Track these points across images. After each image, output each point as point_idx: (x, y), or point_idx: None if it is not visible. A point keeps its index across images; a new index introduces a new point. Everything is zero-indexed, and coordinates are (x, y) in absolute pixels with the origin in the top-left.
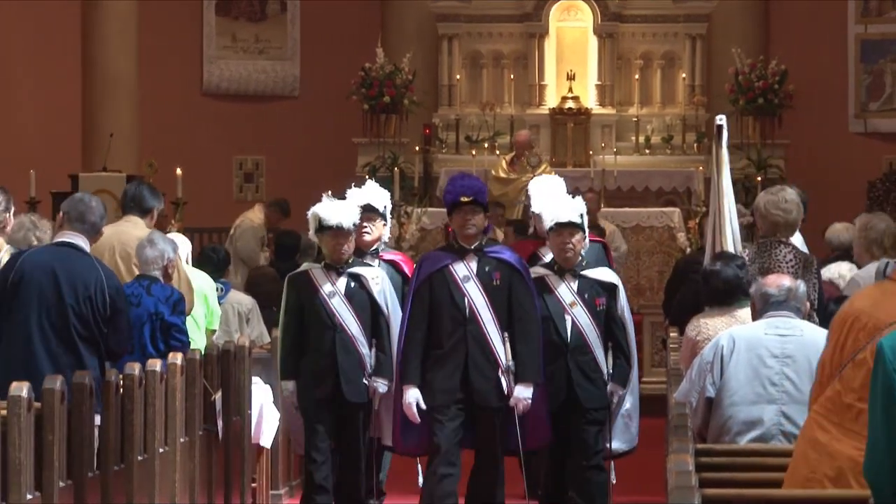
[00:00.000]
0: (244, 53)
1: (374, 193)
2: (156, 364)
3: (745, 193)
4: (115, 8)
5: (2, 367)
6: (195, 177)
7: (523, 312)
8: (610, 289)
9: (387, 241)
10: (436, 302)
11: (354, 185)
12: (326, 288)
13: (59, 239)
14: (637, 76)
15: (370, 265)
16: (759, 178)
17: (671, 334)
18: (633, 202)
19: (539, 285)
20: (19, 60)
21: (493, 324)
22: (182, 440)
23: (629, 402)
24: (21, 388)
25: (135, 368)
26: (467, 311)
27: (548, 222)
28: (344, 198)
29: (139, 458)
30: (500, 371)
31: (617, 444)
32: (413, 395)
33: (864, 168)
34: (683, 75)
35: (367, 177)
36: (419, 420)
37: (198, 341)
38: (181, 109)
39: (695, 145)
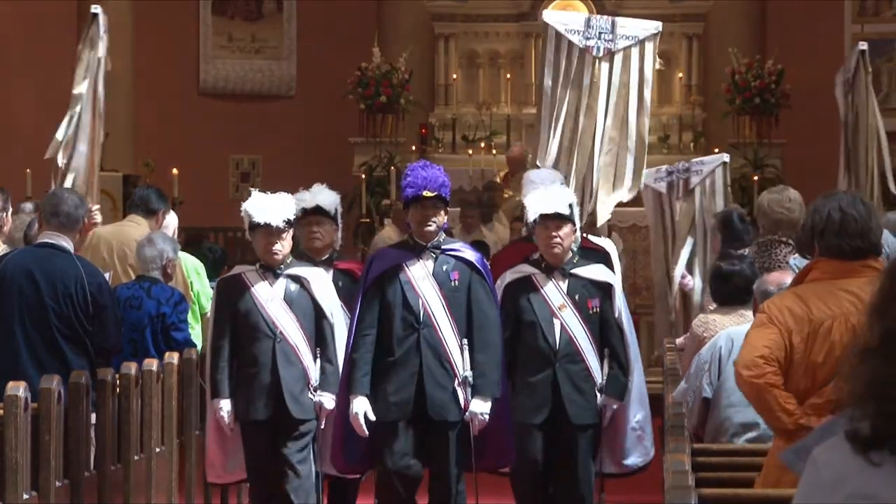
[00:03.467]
0: (241, 53)
1: (324, 196)
2: (152, 364)
3: (741, 193)
4: (111, 7)
5: None
6: (191, 176)
7: (484, 318)
8: (604, 288)
9: (339, 247)
10: (387, 304)
11: (303, 188)
12: (263, 292)
13: (40, 240)
14: None
15: (309, 265)
16: (755, 178)
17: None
18: (630, 201)
19: (525, 285)
20: (15, 60)
21: (451, 329)
22: (178, 440)
23: (640, 415)
24: (18, 388)
25: (131, 368)
26: (421, 313)
27: (532, 214)
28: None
29: (136, 457)
30: (456, 382)
31: (632, 460)
32: (361, 405)
33: None
34: (680, 75)
35: (363, 175)
36: (367, 433)
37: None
38: (178, 109)
39: (691, 145)
